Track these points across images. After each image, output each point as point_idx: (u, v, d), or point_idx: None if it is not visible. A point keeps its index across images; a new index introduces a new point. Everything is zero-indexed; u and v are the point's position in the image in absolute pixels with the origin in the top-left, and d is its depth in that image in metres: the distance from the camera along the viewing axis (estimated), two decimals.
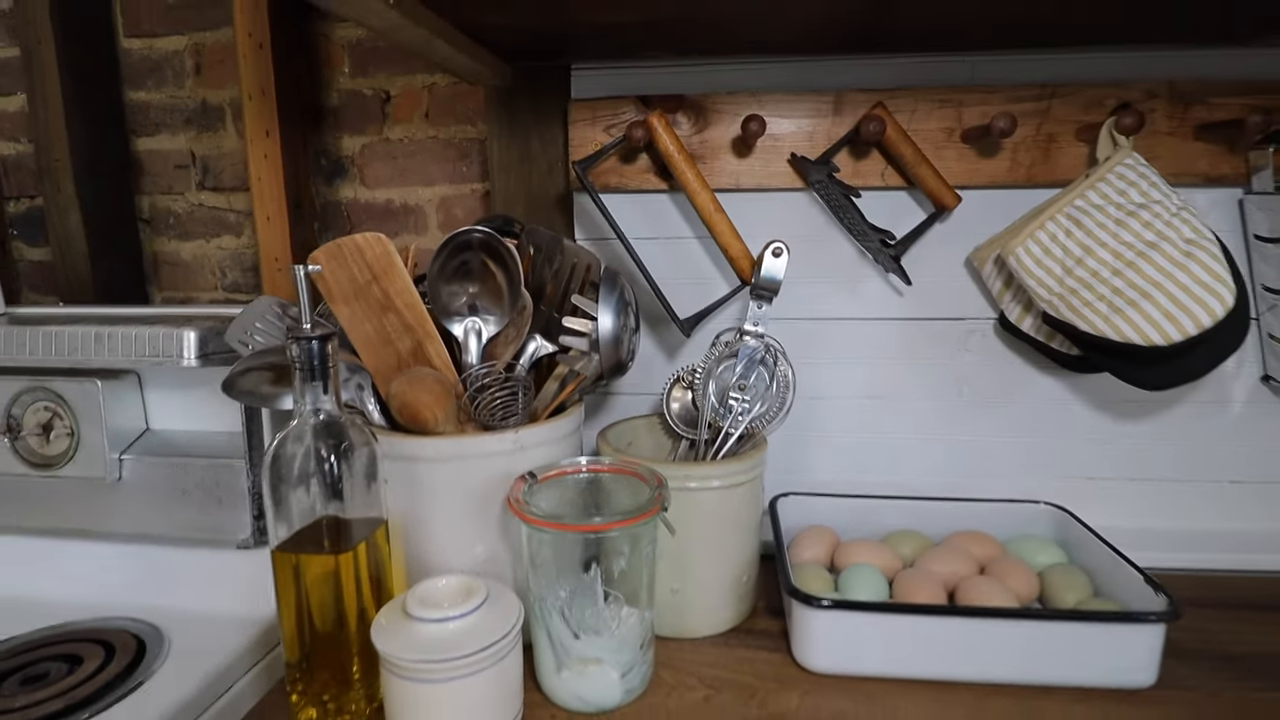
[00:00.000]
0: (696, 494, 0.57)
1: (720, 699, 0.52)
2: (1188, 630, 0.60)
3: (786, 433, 0.76)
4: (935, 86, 0.69)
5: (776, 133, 0.71)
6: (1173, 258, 0.55)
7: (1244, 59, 0.66)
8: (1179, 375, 0.59)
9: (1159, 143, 0.67)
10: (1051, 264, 0.60)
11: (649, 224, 0.75)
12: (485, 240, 0.53)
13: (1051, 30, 0.64)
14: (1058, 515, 0.67)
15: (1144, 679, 0.52)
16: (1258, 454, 0.73)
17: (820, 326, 0.75)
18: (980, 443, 0.75)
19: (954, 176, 0.69)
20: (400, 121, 0.88)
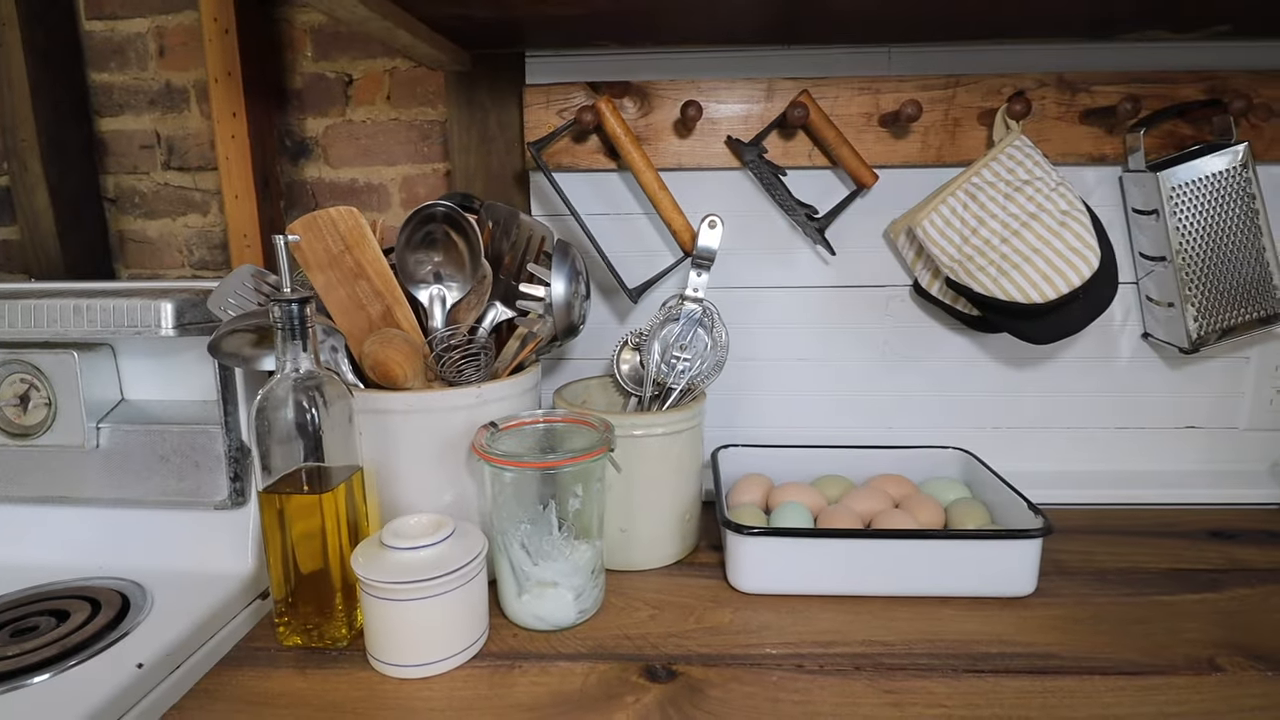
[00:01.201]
0: (642, 441, 0.64)
1: (663, 616, 0.60)
2: (1073, 553, 0.69)
3: (728, 391, 0.84)
4: (856, 76, 0.76)
5: (715, 116, 0.77)
6: (1050, 227, 0.64)
7: (1120, 51, 0.75)
8: (1059, 330, 0.68)
9: (1049, 127, 0.76)
10: (952, 234, 0.69)
11: (600, 200, 0.81)
12: (448, 213, 0.58)
13: (958, 25, 0.72)
14: (965, 459, 0.76)
15: (1025, 588, 0.61)
16: (1140, 403, 0.83)
17: (757, 294, 0.83)
18: (901, 397, 0.84)
19: (873, 157, 0.77)
20: (363, 104, 0.93)
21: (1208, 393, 0.83)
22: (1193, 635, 0.56)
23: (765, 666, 0.53)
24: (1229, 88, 0.74)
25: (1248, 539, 0.72)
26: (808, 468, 0.78)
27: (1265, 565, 0.67)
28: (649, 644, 0.56)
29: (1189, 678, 0.52)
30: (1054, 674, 0.52)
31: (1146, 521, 0.76)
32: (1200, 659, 0.53)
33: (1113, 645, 0.55)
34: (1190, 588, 0.63)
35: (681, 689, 0.51)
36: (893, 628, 0.58)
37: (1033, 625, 0.58)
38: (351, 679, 0.52)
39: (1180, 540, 0.72)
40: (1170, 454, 0.84)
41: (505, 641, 0.57)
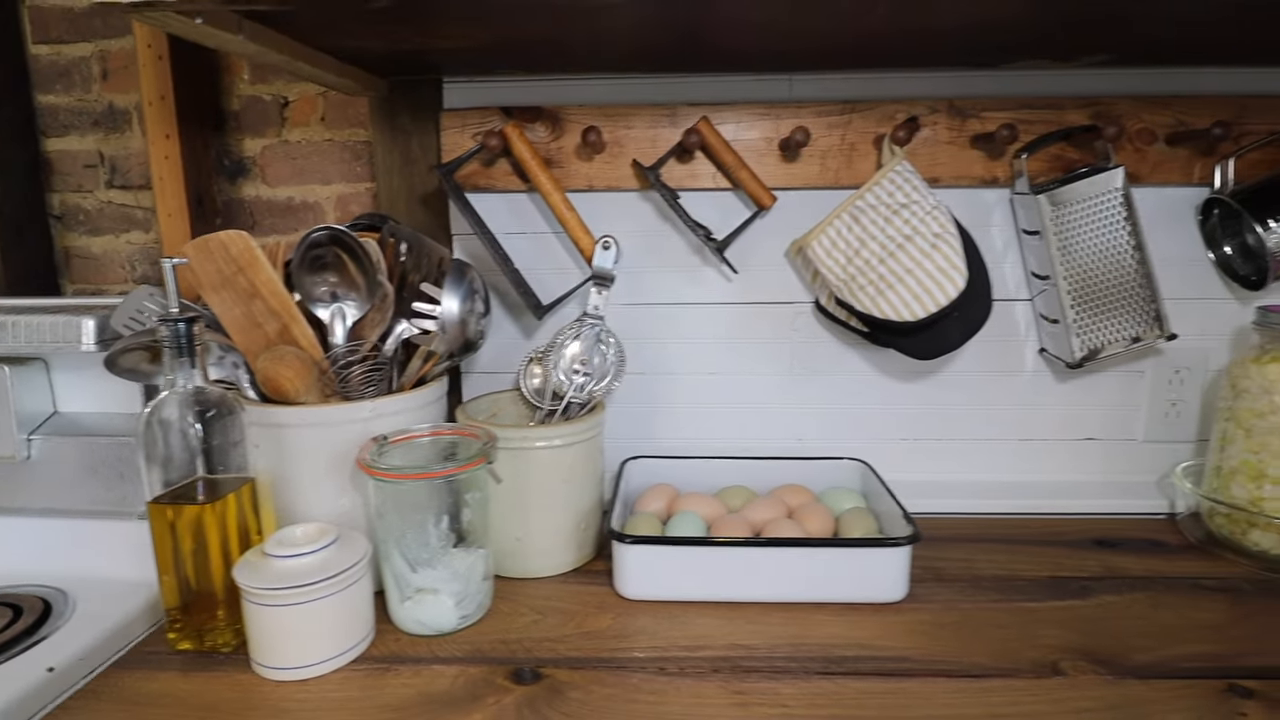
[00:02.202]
0: (536, 453, 0.67)
1: (546, 621, 0.62)
2: (954, 561, 0.72)
3: (643, 404, 0.87)
4: (758, 102, 0.79)
5: (623, 140, 0.80)
6: (922, 249, 0.67)
7: (1010, 79, 0.78)
8: (937, 347, 0.71)
9: (941, 150, 0.79)
10: (838, 255, 0.71)
11: (516, 220, 0.84)
12: (334, 236, 0.61)
13: (854, 55, 0.75)
14: (862, 469, 0.79)
15: (895, 594, 0.64)
16: (1041, 415, 0.86)
17: (670, 310, 0.85)
18: (808, 410, 0.87)
19: (776, 179, 0.80)
20: (298, 125, 0.96)
21: (1105, 405, 0.85)
22: (1047, 640, 0.59)
23: (629, 669, 0.56)
24: (1113, 113, 0.77)
25: (1130, 548, 0.74)
26: (715, 478, 0.81)
27: (1140, 573, 0.69)
28: (524, 648, 0.58)
29: (1029, 681, 0.54)
30: (901, 676, 0.55)
31: (1036, 531, 0.78)
32: (1045, 663, 0.56)
33: (966, 649, 0.58)
34: (1060, 595, 0.66)
35: (543, 691, 0.53)
36: (762, 632, 0.60)
37: (896, 630, 0.60)
38: (232, 681, 0.55)
39: (1064, 549, 0.74)
40: (1069, 465, 0.86)
41: (388, 645, 0.59)
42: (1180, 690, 0.53)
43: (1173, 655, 0.57)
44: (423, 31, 0.61)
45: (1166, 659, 0.56)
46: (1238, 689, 0.53)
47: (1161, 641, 0.59)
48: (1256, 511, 0.69)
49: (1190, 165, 0.78)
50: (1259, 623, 0.61)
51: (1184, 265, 0.81)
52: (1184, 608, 0.64)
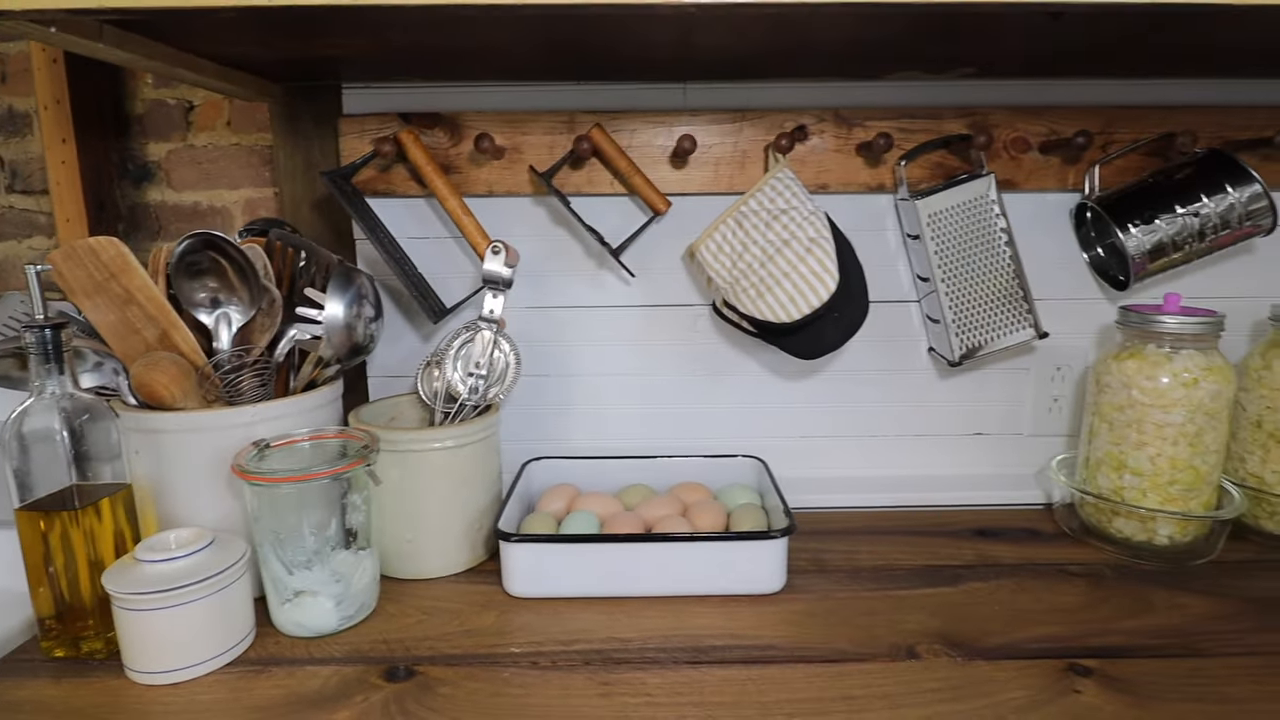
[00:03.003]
0: (425, 455, 0.68)
1: (431, 620, 0.63)
2: (838, 553, 0.75)
3: (547, 406, 0.88)
4: (652, 110, 0.81)
5: (522, 146, 0.82)
6: (798, 253, 0.69)
7: (888, 89, 0.82)
8: (817, 347, 0.73)
9: (829, 158, 0.82)
10: (724, 258, 0.74)
11: (419, 225, 0.84)
12: (209, 241, 0.61)
13: (743, 66, 0.77)
14: (758, 466, 0.81)
15: (773, 585, 0.66)
16: (934, 411, 0.89)
17: (573, 313, 0.87)
18: (711, 409, 0.89)
19: (671, 185, 0.82)
20: (204, 129, 0.95)
21: (994, 401, 0.89)
22: (910, 626, 0.62)
23: (503, 664, 0.57)
24: (989, 123, 0.81)
25: (1007, 537, 0.78)
26: (617, 477, 0.83)
27: (1011, 561, 0.73)
28: (404, 647, 0.59)
29: (885, 664, 0.57)
30: (764, 663, 0.57)
31: (922, 522, 0.81)
32: (903, 647, 0.59)
33: (831, 636, 0.60)
34: (931, 582, 0.69)
35: (413, 688, 0.54)
36: (639, 625, 0.62)
37: (769, 620, 0.63)
38: (103, 687, 0.55)
39: (945, 539, 0.77)
40: (959, 459, 0.90)
41: (267, 648, 0.59)
42: (1023, 669, 0.56)
43: (1024, 637, 0.60)
44: (296, 40, 0.62)
45: (1017, 641, 0.60)
46: (1077, 667, 0.56)
47: (1016, 625, 0.62)
48: (1119, 501, 0.73)
49: (1063, 172, 0.82)
50: (1111, 605, 0.65)
51: (1061, 267, 0.86)
52: (1045, 592, 0.67)
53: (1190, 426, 0.69)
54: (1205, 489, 0.72)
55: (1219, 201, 0.74)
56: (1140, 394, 0.71)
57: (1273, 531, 0.75)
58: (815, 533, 0.79)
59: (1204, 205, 0.74)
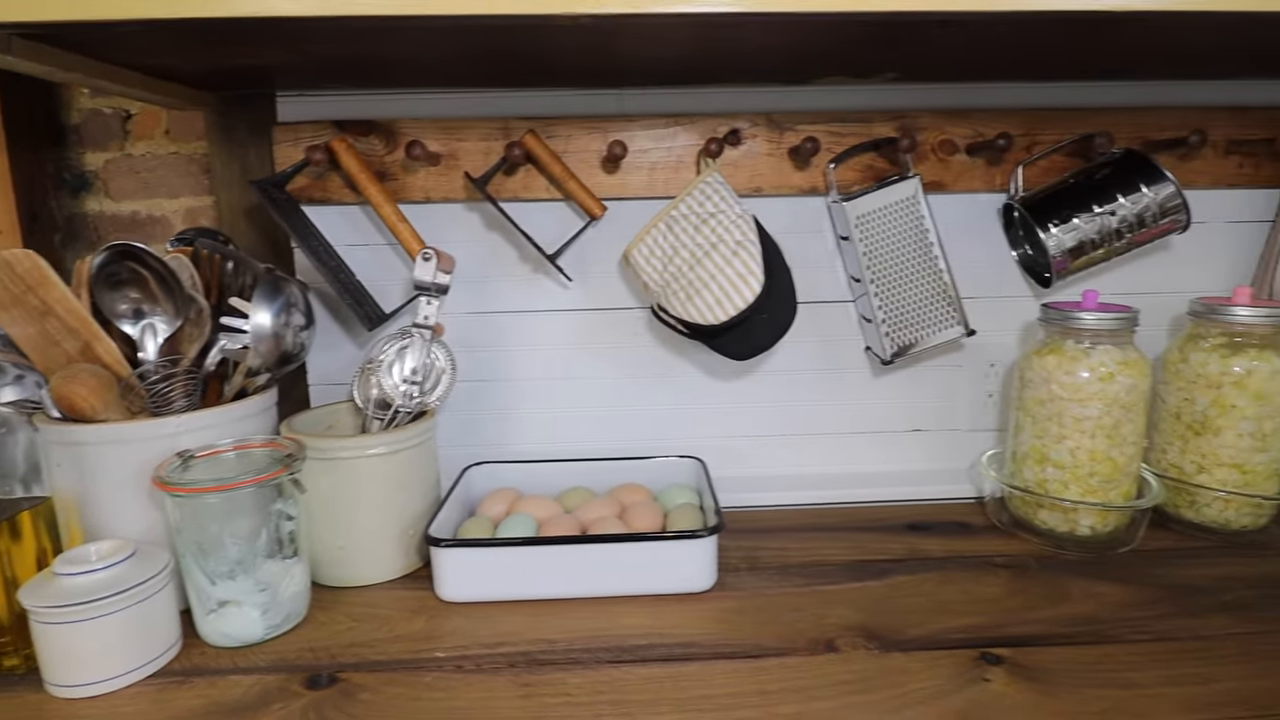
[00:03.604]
0: (356, 462, 0.68)
1: (360, 627, 0.63)
2: (771, 550, 0.76)
3: (491, 411, 0.89)
4: (587, 116, 0.82)
5: (458, 152, 0.82)
6: (725, 256, 0.70)
7: (820, 94, 0.83)
8: (750, 347, 0.75)
9: (761, 162, 0.83)
10: (655, 262, 0.75)
11: (357, 232, 0.85)
12: (126, 252, 0.61)
13: (678, 72, 0.78)
14: (697, 466, 0.82)
15: (702, 584, 0.67)
16: (873, 409, 0.91)
17: (515, 318, 0.88)
18: (654, 411, 0.90)
19: (608, 190, 0.83)
20: (142, 138, 0.95)
21: (931, 398, 0.91)
22: (833, 620, 0.63)
23: (426, 669, 0.57)
24: (917, 126, 0.83)
25: (940, 531, 0.79)
26: (559, 480, 0.83)
27: (940, 554, 0.74)
28: (330, 655, 0.59)
29: (803, 658, 0.58)
30: (685, 661, 0.58)
31: (858, 518, 0.83)
32: (823, 641, 0.60)
33: (755, 633, 0.61)
34: (859, 577, 0.70)
35: (334, 695, 0.54)
36: (567, 627, 0.62)
37: (696, 618, 0.64)
38: (21, 702, 0.54)
39: (878, 534, 0.79)
40: (898, 455, 0.92)
41: (192, 658, 0.59)
42: (937, 660, 0.57)
43: (942, 628, 0.61)
44: (209, 51, 0.62)
45: (935, 632, 0.61)
46: (989, 656, 0.57)
47: (936, 616, 0.63)
48: (1042, 494, 0.75)
49: (990, 173, 0.84)
50: (1030, 595, 0.66)
51: (992, 266, 0.88)
52: (969, 584, 0.69)
53: (1107, 419, 0.71)
54: (1124, 480, 0.74)
55: (1135, 200, 0.76)
56: (1059, 388, 0.73)
57: (1193, 520, 0.78)
58: (752, 531, 0.80)
59: (1120, 204, 0.76)
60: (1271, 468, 0.74)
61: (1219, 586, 0.67)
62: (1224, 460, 0.75)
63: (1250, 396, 0.73)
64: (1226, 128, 0.84)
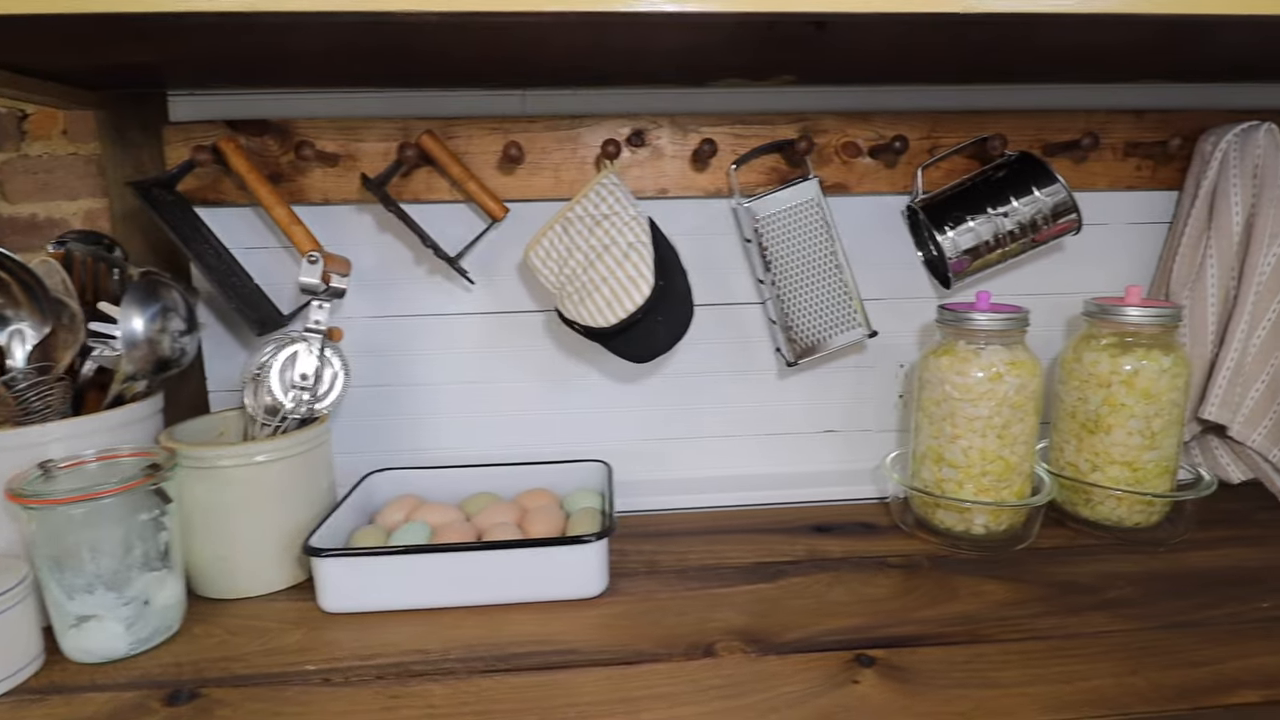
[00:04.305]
0: (235, 470, 0.66)
1: (234, 641, 0.62)
2: (671, 554, 0.75)
3: (397, 416, 0.88)
4: (489, 116, 0.81)
5: (357, 153, 0.81)
6: (616, 258, 0.70)
7: (725, 96, 0.83)
8: (647, 349, 0.74)
9: (667, 164, 0.83)
10: (552, 263, 0.74)
11: (255, 235, 0.83)
12: None
13: (578, 73, 0.78)
14: (604, 470, 0.82)
15: (592, 589, 0.67)
16: (786, 410, 0.91)
17: (421, 322, 0.86)
18: (561, 414, 0.89)
19: (512, 192, 0.82)
20: (39, 138, 0.92)
21: (842, 399, 0.91)
22: (716, 624, 0.63)
23: (293, 683, 0.56)
24: (820, 128, 0.83)
25: (843, 532, 0.80)
26: (465, 486, 0.82)
27: (838, 555, 0.74)
28: (196, 669, 0.58)
29: (677, 663, 0.57)
30: (559, 669, 0.57)
31: (766, 520, 0.83)
32: (701, 645, 0.59)
33: (636, 638, 0.61)
34: (753, 580, 0.70)
35: (191, 711, 0.53)
36: (449, 636, 0.61)
37: (581, 624, 0.63)
38: None
39: (783, 535, 0.79)
40: (811, 456, 0.92)
41: (52, 675, 0.57)
42: (811, 662, 0.57)
43: (823, 630, 0.61)
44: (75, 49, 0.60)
45: (816, 634, 0.61)
46: (864, 658, 0.58)
47: (820, 618, 0.63)
48: (939, 494, 0.76)
49: (893, 176, 0.85)
50: (918, 595, 0.67)
51: (899, 267, 0.88)
52: (859, 585, 0.69)
53: (997, 419, 0.72)
54: (1017, 479, 0.74)
55: (1027, 202, 0.77)
56: (952, 389, 0.73)
57: (1088, 518, 0.79)
58: (658, 534, 0.80)
59: (1013, 206, 0.77)
60: (1162, 465, 0.76)
61: (1104, 584, 0.68)
62: (1115, 458, 0.76)
63: (1138, 395, 0.74)
64: (1125, 131, 0.86)
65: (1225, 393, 0.80)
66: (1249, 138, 0.80)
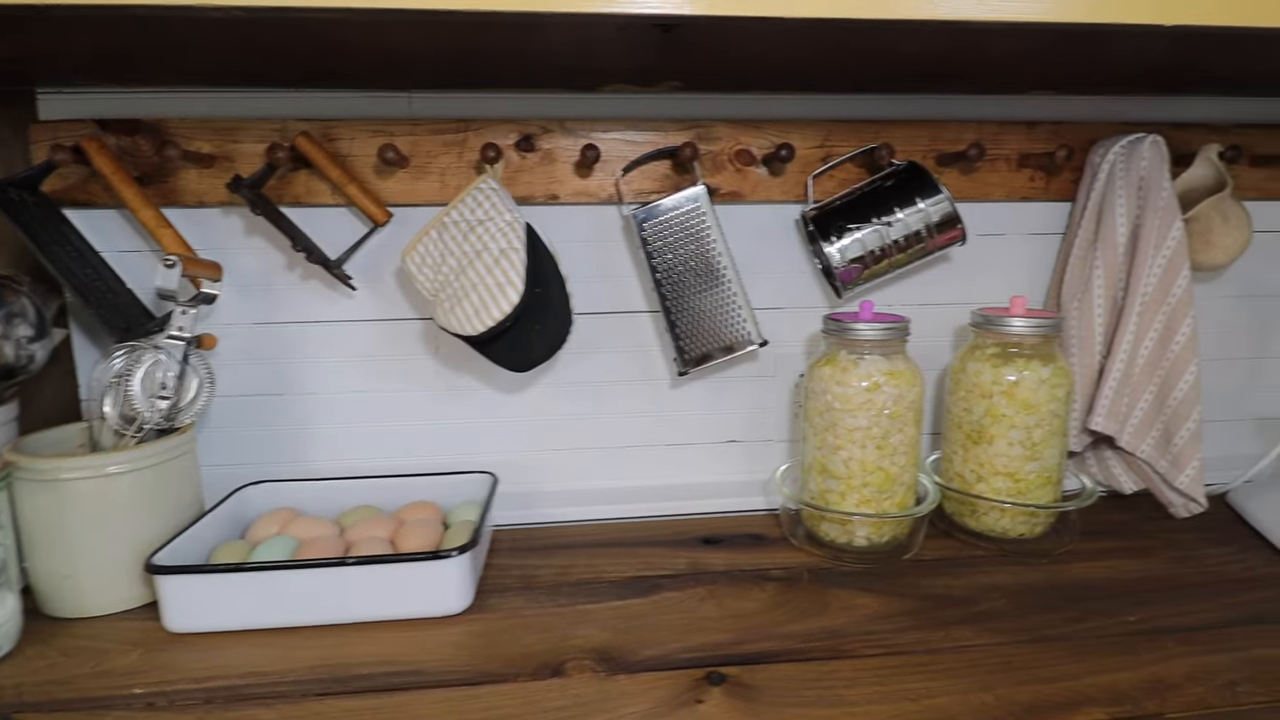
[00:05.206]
0: (81, 483, 0.63)
1: (66, 663, 0.59)
2: (551, 568, 0.74)
3: (279, 427, 0.85)
4: (373, 119, 0.79)
5: (234, 155, 0.78)
6: (487, 264, 0.68)
7: (614, 101, 0.82)
8: (525, 358, 0.73)
9: (558, 169, 0.81)
10: (427, 269, 0.72)
11: (129, 238, 0.80)
12: None
13: (470, 75, 0.76)
14: (491, 482, 0.80)
15: (454, 606, 0.65)
16: (688, 420, 0.90)
17: (306, 329, 0.84)
18: (455, 424, 0.87)
19: (398, 196, 0.80)
20: None
21: (744, 408, 0.90)
22: (575, 642, 0.61)
23: (115, 708, 0.53)
24: (712, 135, 0.82)
25: (732, 544, 0.78)
26: (349, 498, 0.80)
27: (720, 568, 0.73)
28: (17, 694, 0.55)
29: (522, 684, 0.55)
30: (399, 690, 0.55)
31: (658, 532, 0.81)
32: (551, 665, 0.58)
33: (488, 658, 0.59)
34: (627, 594, 0.68)
35: None
36: (293, 657, 0.59)
37: (436, 644, 0.61)
38: None
39: (670, 548, 0.77)
40: (713, 466, 0.91)
41: None
42: (659, 681, 0.56)
43: (682, 647, 0.60)
44: None
45: (673, 651, 0.59)
46: (715, 676, 0.56)
47: (684, 634, 0.62)
48: (823, 505, 0.75)
49: (788, 184, 0.84)
50: (788, 609, 0.66)
51: (798, 275, 0.88)
52: (733, 599, 0.67)
53: (876, 430, 0.71)
54: (899, 490, 0.74)
55: (911, 213, 0.76)
56: (834, 399, 0.72)
57: (974, 529, 0.78)
58: (542, 548, 0.78)
59: (897, 216, 0.77)
60: (1043, 476, 0.75)
61: (978, 597, 0.67)
62: (998, 469, 0.75)
63: (1018, 405, 0.73)
64: (1018, 142, 0.86)
65: (1112, 403, 0.80)
66: (1134, 150, 0.80)
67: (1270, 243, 0.93)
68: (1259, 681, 0.55)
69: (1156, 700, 0.53)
